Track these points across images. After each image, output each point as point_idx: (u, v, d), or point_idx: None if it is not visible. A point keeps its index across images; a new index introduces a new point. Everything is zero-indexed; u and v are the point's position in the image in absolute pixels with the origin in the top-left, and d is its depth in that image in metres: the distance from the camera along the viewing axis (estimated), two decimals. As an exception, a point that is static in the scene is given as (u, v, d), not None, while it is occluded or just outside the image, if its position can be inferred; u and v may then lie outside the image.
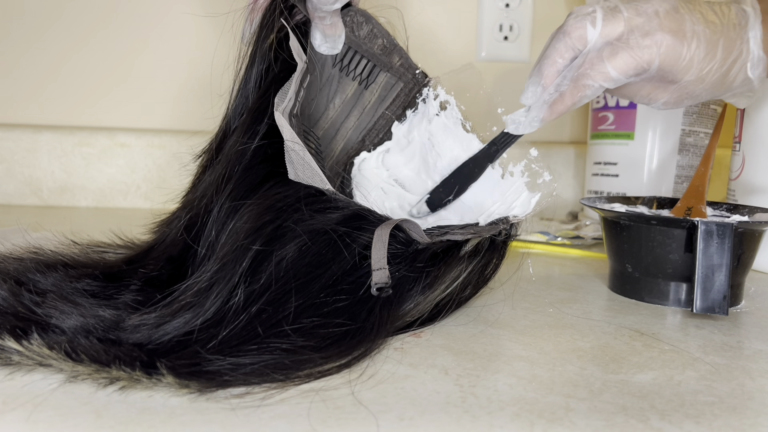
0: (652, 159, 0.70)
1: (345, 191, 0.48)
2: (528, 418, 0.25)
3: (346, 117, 0.49)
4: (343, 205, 0.36)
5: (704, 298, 0.38)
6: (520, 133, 0.43)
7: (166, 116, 0.86)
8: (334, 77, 0.48)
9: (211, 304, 0.31)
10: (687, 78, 0.39)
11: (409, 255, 0.35)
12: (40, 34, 0.83)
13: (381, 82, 0.48)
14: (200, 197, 0.39)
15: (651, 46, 0.38)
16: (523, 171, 0.43)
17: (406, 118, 0.49)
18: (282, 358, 0.28)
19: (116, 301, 0.33)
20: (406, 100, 0.49)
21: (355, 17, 0.46)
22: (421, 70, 0.49)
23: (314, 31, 0.45)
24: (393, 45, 0.48)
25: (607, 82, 0.39)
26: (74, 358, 0.26)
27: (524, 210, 0.41)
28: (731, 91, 0.42)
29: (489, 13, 0.86)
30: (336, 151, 0.49)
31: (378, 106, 0.49)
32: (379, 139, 0.49)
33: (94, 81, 0.85)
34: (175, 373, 0.26)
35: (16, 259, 0.37)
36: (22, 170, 0.83)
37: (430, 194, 0.46)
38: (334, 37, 0.46)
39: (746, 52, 0.40)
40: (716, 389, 0.29)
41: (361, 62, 0.48)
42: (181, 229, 0.38)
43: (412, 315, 0.35)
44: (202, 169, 0.43)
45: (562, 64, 0.40)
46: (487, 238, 0.38)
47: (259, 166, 0.38)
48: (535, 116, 0.41)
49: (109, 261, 0.40)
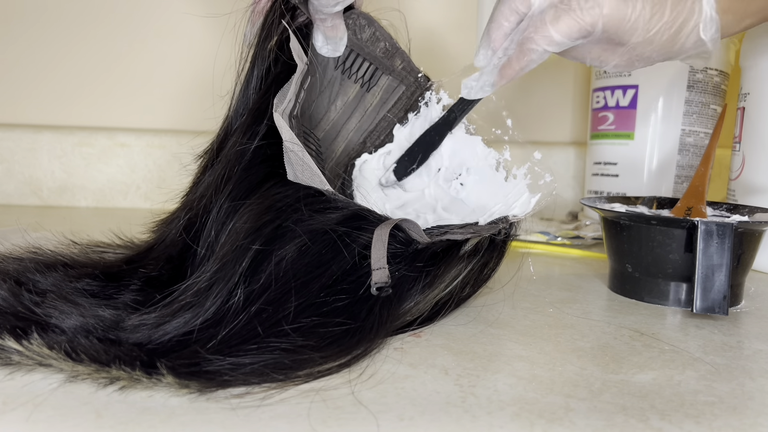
0: (652, 159, 0.70)
1: (345, 192, 0.48)
2: (528, 418, 0.25)
3: (348, 119, 0.49)
4: (342, 205, 0.36)
5: (704, 298, 0.38)
6: (473, 98, 0.43)
7: (166, 116, 0.86)
8: (336, 80, 0.48)
9: (211, 304, 0.31)
10: (634, 40, 0.39)
11: (409, 254, 0.35)
12: (40, 33, 0.83)
13: (383, 85, 0.49)
14: (200, 197, 0.39)
15: (594, 7, 0.37)
16: (526, 173, 0.44)
17: (407, 120, 0.49)
18: (282, 358, 0.28)
19: (116, 301, 0.33)
20: (408, 103, 0.49)
21: (358, 20, 0.46)
22: (423, 74, 0.49)
23: (316, 33, 0.45)
24: (395, 48, 0.48)
25: (551, 46, 0.38)
26: (74, 358, 0.26)
27: (524, 210, 0.41)
28: (684, 53, 0.41)
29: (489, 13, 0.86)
30: (337, 153, 0.49)
31: (380, 109, 0.49)
32: (381, 141, 0.49)
33: (94, 81, 0.85)
34: (175, 373, 0.26)
35: (15, 259, 0.37)
36: (22, 170, 0.83)
37: (396, 163, 0.47)
38: (336, 39, 0.46)
39: (698, 12, 0.39)
40: (716, 389, 0.29)
41: (363, 65, 0.48)
42: (181, 229, 0.38)
43: (412, 314, 0.35)
44: (203, 170, 0.43)
45: (509, 27, 0.40)
46: (486, 237, 0.38)
47: (259, 167, 0.38)
48: (486, 80, 0.41)
49: (108, 261, 0.40)
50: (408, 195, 0.48)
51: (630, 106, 0.70)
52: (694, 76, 0.68)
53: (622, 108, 0.71)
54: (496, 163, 0.46)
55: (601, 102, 0.73)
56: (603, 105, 0.73)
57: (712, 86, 0.68)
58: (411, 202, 0.48)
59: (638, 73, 0.69)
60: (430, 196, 0.47)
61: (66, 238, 0.45)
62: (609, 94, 0.72)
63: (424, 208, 0.47)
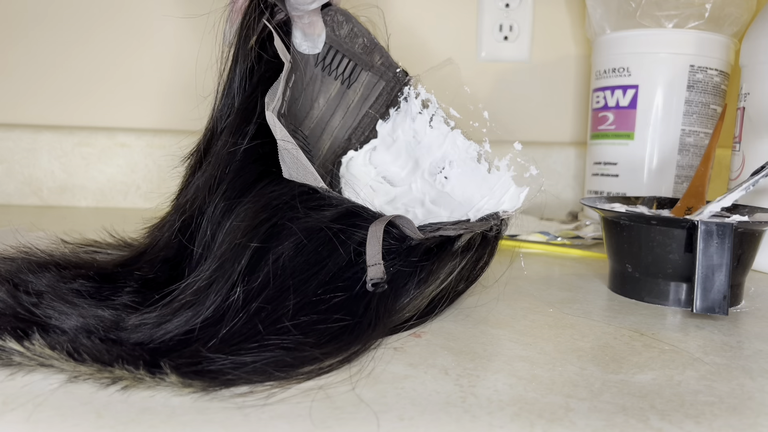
0: (652, 159, 0.70)
1: (335, 190, 0.48)
2: (528, 418, 0.25)
3: (331, 116, 0.49)
4: (336, 203, 0.36)
5: (704, 298, 0.38)
6: None
7: (167, 116, 0.86)
8: (317, 77, 0.48)
9: (211, 302, 0.31)
10: None
11: (403, 250, 0.35)
12: (40, 34, 0.83)
13: (363, 81, 0.49)
14: (192, 199, 0.39)
15: None
16: (508, 165, 0.44)
17: (389, 116, 0.49)
18: (283, 356, 0.28)
19: (113, 302, 0.33)
20: (388, 98, 0.49)
21: (335, 16, 0.47)
22: (402, 69, 0.49)
23: (295, 30, 0.45)
24: (374, 44, 0.48)
25: None
26: (76, 359, 0.26)
27: (513, 205, 0.41)
28: None
29: (489, 13, 0.86)
30: (323, 150, 0.49)
31: (362, 105, 0.49)
32: (365, 137, 0.50)
33: (94, 81, 0.85)
34: (178, 372, 0.26)
35: (7, 259, 0.37)
36: (22, 170, 0.83)
37: None
38: (314, 36, 0.46)
39: None
40: (716, 389, 0.29)
41: (343, 61, 0.48)
42: (176, 231, 0.38)
43: (409, 310, 0.36)
44: (192, 171, 0.43)
45: None
46: (479, 233, 0.38)
47: (252, 166, 0.38)
48: None
49: (101, 262, 0.40)
50: (396, 190, 0.48)
51: (630, 106, 0.70)
52: (694, 76, 0.68)
53: (622, 108, 0.71)
54: (477, 155, 0.46)
55: (601, 102, 0.73)
56: (603, 105, 0.73)
57: (712, 86, 0.68)
58: (399, 196, 0.48)
59: (638, 73, 0.69)
60: (418, 191, 0.48)
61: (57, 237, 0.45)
62: (609, 94, 0.72)
63: (413, 203, 0.48)
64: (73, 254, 0.41)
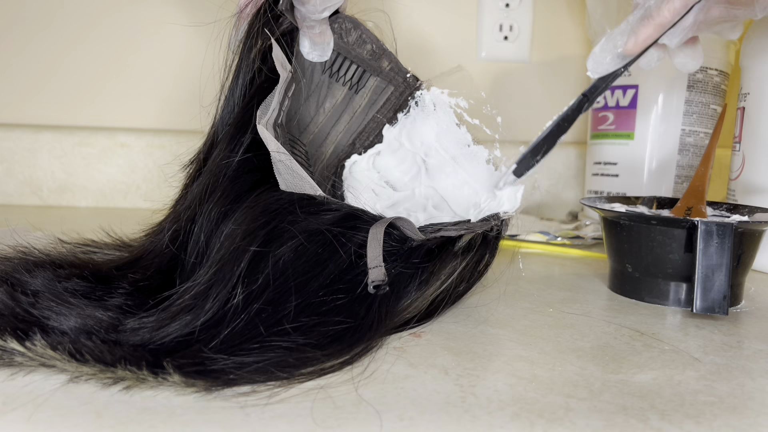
0: (652, 159, 0.70)
1: (336, 194, 0.48)
2: (528, 418, 0.25)
3: (336, 121, 0.49)
4: (336, 207, 0.36)
5: (704, 298, 0.38)
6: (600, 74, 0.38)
7: (167, 116, 0.86)
8: (324, 83, 0.48)
9: (211, 305, 0.31)
10: None
11: (404, 252, 0.35)
12: (40, 33, 0.83)
13: (371, 86, 0.49)
14: (185, 208, 0.39)
15: None
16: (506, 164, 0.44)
17: (397, 120, 0.49)
18: (285, 356, 0.28)
19: (106, 303, 0.33)
20: (397, 103, 0.49)
21: (344, 24, 0.47)
22: (412, 74, 0.49)
23: (303, 40, 0.45)
24: (382, 50, 0.48)
25: None
26: (78, 359, 0.26)
27: (512, 205, 0.41)
28: None
29: (489, 13, 0.86)
30: (326, 155, 0.49)
31: (368, 110, 0.49)
32: (370, 141, 0.50)
33: (94, 81, 0.85)
34: (181, 372, 0.26)
35: (4, 258, 0.37)
36: (22, 170, 0.83)
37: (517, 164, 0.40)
38: (323, 44, 0.46)
39: None
40: (716, 389, 0.29)
41: (351, 68, 0.48)
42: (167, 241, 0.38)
43: (410, 312, 0.36)
44: (191, 180, 0.43)
45: None
46: (479, 234, 0.38)
47: (246, 176, 0.38)
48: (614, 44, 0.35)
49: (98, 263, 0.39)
50: (399, 194, 0.48)
51: (630, 106, 0.70)
52: (694, 76, 0.68)
53: (622, 108, 0.71)
54: (486, 160, 0.46)
55: (601, 102, 0.73)
56: (603, 105, 0.73)
57: (712, 86, 0.68)
58: (402, 201, 0.48)
59: (638, 73, 0.69)
60: (421, 195, 0.48)
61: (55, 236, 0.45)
62: (609, 94, 0.72)
63: (415, 207, 0.47)
64: (70, 254, 0.41)
